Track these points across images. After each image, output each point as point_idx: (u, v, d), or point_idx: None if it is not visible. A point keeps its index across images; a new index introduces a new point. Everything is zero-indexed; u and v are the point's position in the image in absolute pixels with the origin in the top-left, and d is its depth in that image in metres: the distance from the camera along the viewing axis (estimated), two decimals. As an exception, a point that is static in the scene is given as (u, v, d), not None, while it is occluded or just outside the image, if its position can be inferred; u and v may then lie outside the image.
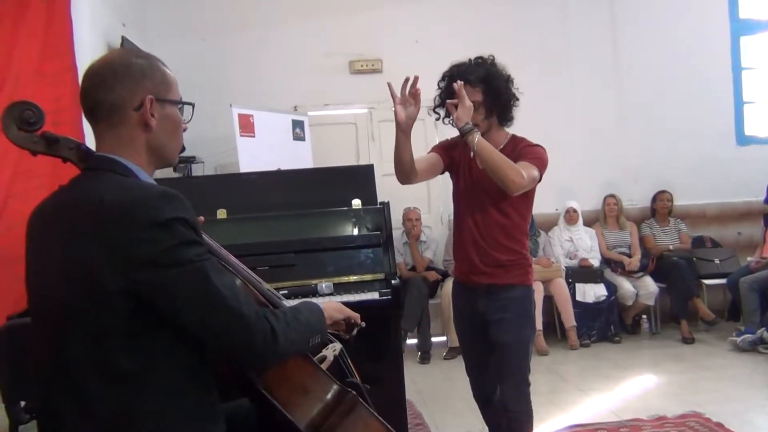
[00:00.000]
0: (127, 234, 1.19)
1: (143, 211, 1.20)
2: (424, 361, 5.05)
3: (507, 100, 2.33)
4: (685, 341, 5.14)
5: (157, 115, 1.33)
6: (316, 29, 5.67)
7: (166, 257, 1.19)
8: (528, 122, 5.85)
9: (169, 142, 1.38)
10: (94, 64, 1.34)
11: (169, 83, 1.37)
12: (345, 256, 2.81)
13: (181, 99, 1.41)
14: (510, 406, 2.40)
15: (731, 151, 5.98)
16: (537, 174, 2.29)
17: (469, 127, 2.20)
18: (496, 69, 2.33)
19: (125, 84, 1.30)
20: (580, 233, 5.65)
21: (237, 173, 3.77)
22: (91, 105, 1.32)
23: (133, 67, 1.32)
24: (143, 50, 1.38)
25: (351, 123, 5.82)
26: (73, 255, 1.23)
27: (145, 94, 1.31)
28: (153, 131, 1.33)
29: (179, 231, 1.20)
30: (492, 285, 2.37)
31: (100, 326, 1.21)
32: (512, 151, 2.34)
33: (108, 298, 1.20)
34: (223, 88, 5.26)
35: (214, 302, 1.21)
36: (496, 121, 2.36)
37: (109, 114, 1.31)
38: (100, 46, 4.13)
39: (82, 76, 1.36)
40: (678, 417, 3.47)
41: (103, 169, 1.31)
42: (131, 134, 1.32)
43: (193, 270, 1.21)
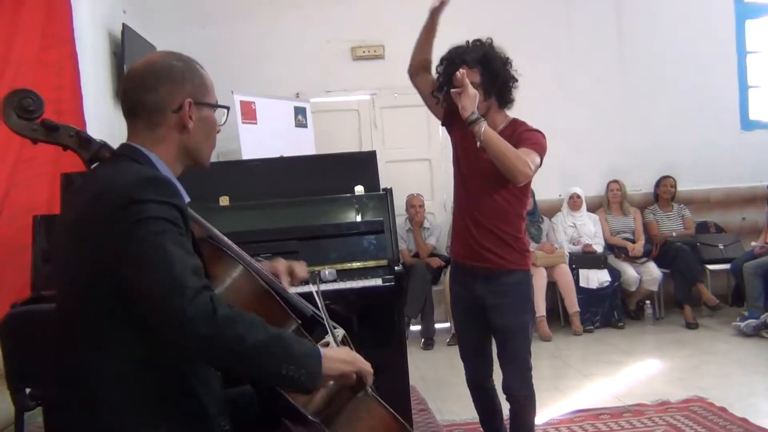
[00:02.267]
0: (111, 213, 1.22)
1: (128, 191, 1.22)
2: (427, 347, 5.06)
3: (505, 82, 2.30)
4: (689, 326, 5.14)
5: (195, 118, 1.37)
6: (318, 16, 5.63)
7: (130, 227, 1.20)
8: (531, 108, 5.82)
9: (203, 144, 1.42)
10: (136, 66, 1.39)
11: (207, 87, 1.41)
12: (348, 243, 2.81)
13: (217, 102, 1.45)
14: (513, 390, 2.40)
15: (735, 136, 5.95)
16: (539, 161, 2.29)
17: (475, 116, 2.17)
18: (494, 50, 2.31)
19: (166, 86, 1.35)
20: (583, 219, 5.63)
21: (239, 160, 3.76)
22: (132, 105, 1.36)
23: (175, 70, 1.36)
24: (182, 54, 1.39)
25: (353, 110, 5.80)
26: (72, 240, 1.29)
27: (185, 97, 1.35)
28: (189, 133, 1.37)
29: (146, 209, 1.20)
30: (491, 270, 2.36)
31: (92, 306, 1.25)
32: (511, 134, 2.32)
33: (94, 275, 1.24)
34: (224, 75, 5.19)
35: (157, 270, 1.17)
36: (495, 103, 2.33)
37: (149, 114, 1.35)
38: (101, 33, 4.12)
39: (125, 76, 1.41)
40: (682, 402, 3.48)
41: (121, 156, 1.36)
42: (167, 134, 1.37)
43: (152, 240, 1.19)
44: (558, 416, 3.40)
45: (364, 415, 1.50)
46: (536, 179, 5.67)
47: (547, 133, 3.40)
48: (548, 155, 6.05)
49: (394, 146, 5.68)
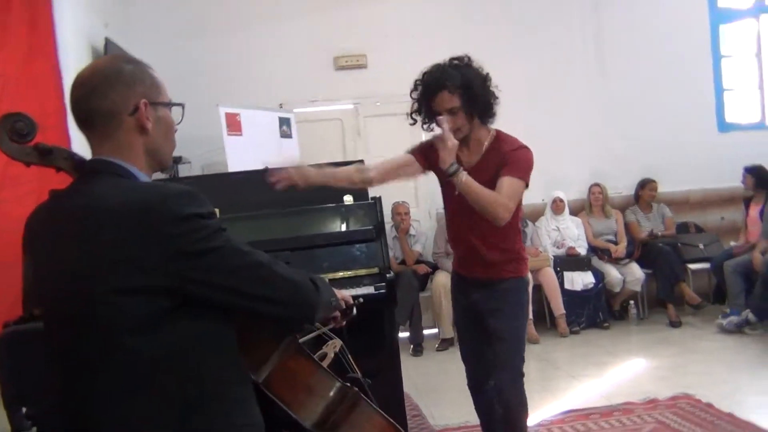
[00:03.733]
0: (158, 230, 1.18)
1: (171, 207, 1.20)
2: (417, 353, 5.09)
3: (486, 100, 2.30)
4: (673, 325, 5.22)
5: (152, 118, 1.33)
6: (300, 26, 5.66)
7: (200, 246, 1.20)
8: (512, 115, 5.87)
9: (164, 144, 1.38)
10: (83, 73, 1.32)
11: (159, 86, 1.37)
12: (339, 252, 2.83)
13: (171, 101, 1.41)
14: (504, 395, 2.44)
15: (713, 138, 6.07)
16: (523, 188, 2.31)
17: (454, 168, 2.19)
18: (473, 70, 2.29)
19: (118, 90, 1.29)
20: (566, 222, 5.71)
21: (226, 173, 3.76)
22: (85, 114, 1.30)
23: (124, 73, 1.31)
24: (129, 55, 1.38)
25: (337, 119, 5.82)
26: (90, 260, 1.21)
27: (139, 98, 1.30)
28: (149, 134, 1.33)
29: (206, 224, 1.22)
30: (487, 279, 2.42)
31: (120, 324, 1.20)
32: (497, 154, 2.33)
33: (129, 296, 1.19)
34: (208, 87, 5.24)
35: (257, 272, 1.28)
36: (478, 122, 2.33)
37: (105, 121, 1.30)
38: (84, 47, 4.10)
39: (71, 85, 1.33)
40: (669, 399, 3.54)
41: (103, 172, 1.29)
42: (129, 139, 1.31)
43: (228, 251, 1.24)
44: (549, 417, 3.44)
45: (363, 425, 1.53)
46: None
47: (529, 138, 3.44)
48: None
49: (378, 154, 5.60)
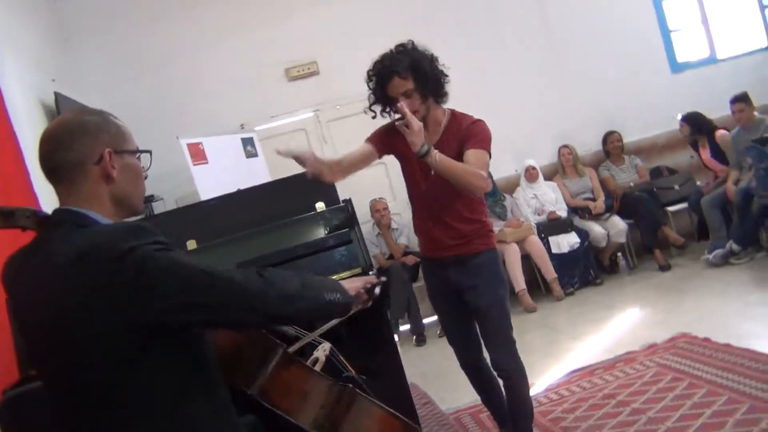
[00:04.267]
0: (104, 271, 1.22)
1: (112, 245, 1.23)
2: (420, 343, 5.14)
3: (437, 79, 2.36)
4: (662, 269, 5.31)
5: (118, 166, 1.37)
6: (246, 45, 5.66)
7: (140, 275, 1.22)
8: (471, 96, 5.96)
9: (133, 191, 1.42)
10: (48, 129, 1.37)
11: (124, 134, 1.41)
12: (321, 259, 2.85)
13: (137, 148, 1.45)
14: (501, 365, 2.49)
15: (668, 80, 6.17)
16: (489, 157, 2.38)
17: (425, 149, 2.22)
18: (419, 52, 2.35)
19: (83, 141, 1.34)
20: (542, 188, 5.77)
21: (198, 203, 3.77)
22: (52, 166, 1.35)
23: (88, 124, 1.36)
24: (84, 106, 1.42)
25: (300, 129, 5.84)
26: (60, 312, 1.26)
27: (103, 148, 1.35)
28: (115, 182, 1.37)
29: (141, 249, 1.23)
30: (459, 256, 2.46)
31: (106, 366, 1.25)
32: (457, 130, 2.40)
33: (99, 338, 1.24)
34: (167, 121, 5.24)
35: (199, 279, 1.26)
36: (433, 102, 2.39)
37: (70, 172, 1.34)
38: (35, 106, 4.09)
39: (39, 141, 1.37)
40: (667, 341, 3.61)
41: (65, 222, 1.33)
42: (94, 188, 1.35)
43: (169, 268, 1.24)
44: (555, 381, 3.50)
45: (366, 420, 1.57)
46: (491, 158, 5.78)
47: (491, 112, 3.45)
48: (497, 134, 6.15)
49: (347, 156, 5.73)
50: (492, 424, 3.04)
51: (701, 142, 5.59)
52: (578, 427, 2.87)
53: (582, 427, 2.86)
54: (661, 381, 3.11)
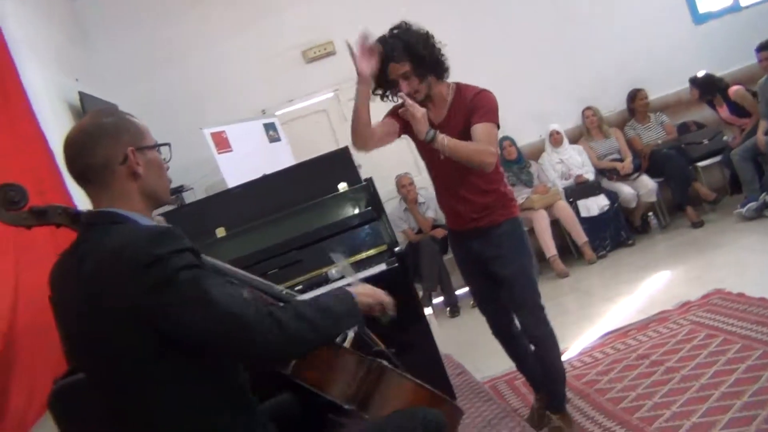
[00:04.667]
0: (129, 274, 1.27)
1: (141, 250, 1.28)
2: (454, 314, 5.18)
3: (434, 57, 2.36)
4: (695, 226, 5.24)
5: (142, 163, 1.42)
6: (262, 31, 5.69)
7: (162, 281, 1.27)
8: (490, 64, 5.89)
9: (159, 183, 1.47)
10: (69, 135, 1.42)
11: (142, 131, 1.46)
12: (346, 239, 2.90)
13: (156, 142, 1.50)
14: (530, 332, 2.52)
15: (690, 32, 6.01)
16: (496, 130, 2.38)
17: (431, 135, 2.26)
18: (412, 33, 2.35)
19: (105, 143, 1.38)
20: (568, 152, 5.72)
21: (225, 190, 3.84)
22: (79, 171, 1.40)
23: (107, 126, 1.41)
24: (108, 108, 1.47)
25: (321, 110, 5.87)
26: (91, 309, 1.32)
27: (126, 147, 1.39)
28: (142, 178, 1.42)
29: (174, 260, 1.28)
30: (480, 227, 2.48)
31: (133, 366, 1.32)
32: (463, 104, 2.40)
33: (128, 336, 1.30)
34: (190, 112, 5.32)
35: (213, 311, 1.28)
36: (434, 79, 2.40)
37: (98, 174, 1.39)
38: (61, 107, 4.20)
39: (63, 147, 1.42)
40: (701, 298, 3.59)
41: (102, 223, 1.38)
42: (123, 186, 1.41)
43: (189, 286, 1.28)
44: (589, 344, 3.51)
45: (395, 392, 1.61)
46: (513, 126, 5.73)
47: (510, 80, 3.41)
48: (518, 100, 6.13)
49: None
50: (527, 390, 3.07)
51: (717, 101, 5.48)
52: (612, 388, 2.89)
53: (616, 388, 2.88)
54: (695, 339, 3.10)
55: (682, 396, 2.61)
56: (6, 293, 2.71)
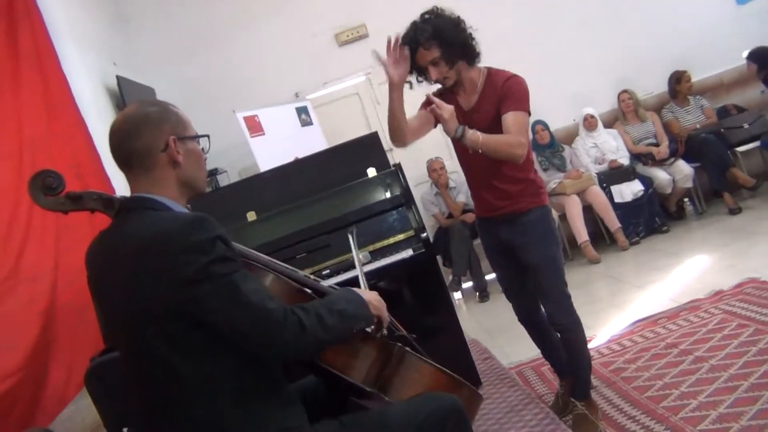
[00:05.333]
0: (166, 261, 1.34)
1: (178, 237, 1.35)
2: (483, 299, 5.19)
3: (464, 43, 2.34)
4: (732, 212, 5.12)
5: (182, 152, 1.49)
6: (296, 15, 5.72)
7: (200, 275, 1.33)
8: (525, 47, 5.81)
9: (196, 173, 1.54)
10: (115, 122, 1.50)
11: (184, 122, 1.53)
12: (373, 224, 2.93)
13: (197, 134, 1.56)
14: (556, 320, 2.52)
15: (733, 13, 5.83)
16: (527, 118, 2.37)
17: (460, 132, 2.25)
18: (442, 18, 2.33)
19: (149, 131, 1.46)
20: (602, 137, 5.63)
21: (256, 175, 3.90)
22: (123, 156, 1.48)
23: (151, 115, 1.48)
24: (153, 99, 1.53)
25: (353, 94, 5.88)
26: (129, 291, 1.39)
27: (168, 136, 1.47)
28: (181, 167, 1.49)
29: (209, 250, 1.35)
30: (509, 214, 2.48)
31: (167, 347, 1.38)
32: (493, 91, 2.38)
33: (162, 319, 1.36)
34: (225, 95, 5.40)
35: (242, 309, 1.35)
36: (464, 65, 2.38)
37: (141, 160, 1.46)
38: (100, 91, 4.30)
39: (109, 134, 1.50)
40: (734, 287, 3.53)
41: (138, 208, 1.46)
42: (163, 173, 1.48)
43: (223, 283, 1.35)
44: (618, 332, 3.49)
45: (415, 376, 1.65)
46: (547, 110, 5.67)
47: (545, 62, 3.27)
48: (553, 83, 6.06)
49: (401, 117, 5.74)
50: (554, 377, 3.08)
51: None
52: (639, 377, 2.88)
53: (643, 377, 2.86)
54: (725, 328, 3.06)
55: (710, 386, 2.59)
56: (47, 273, 2.82)
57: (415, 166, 5.44)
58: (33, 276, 2.79)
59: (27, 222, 2.87)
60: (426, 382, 1.64)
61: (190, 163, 1.51)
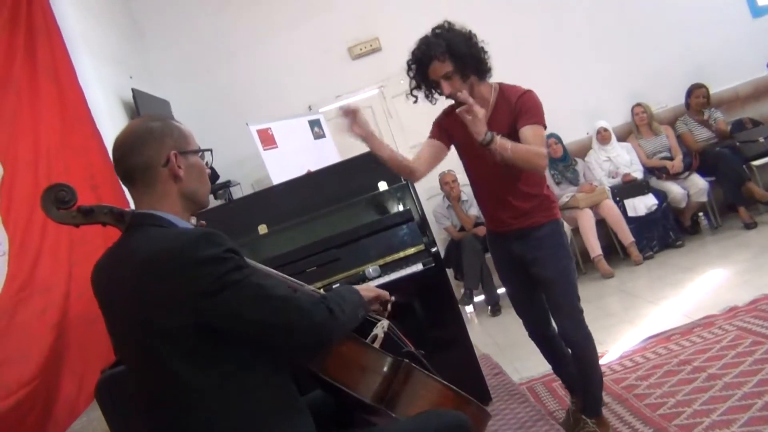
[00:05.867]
0: (180, 275, 1.34)
1: (188, 253, 1.35)
2: (495, 313, 5.17)
3: (476, 57, 2.33)
4: (747, 227, 5.07)
5: (184, 166, 1.50)
6: (309, 28, 5.77)
7: (217, 285, 1.34)
8: (538, 61, 5.81)
9: (199, 188, 1.55)
10: (118, 137, 1.51)
11: (186, 137, 1.54)
12: (384, 238, 2.94)
13: (199, 148, 1.57)
14: (568, 336, 2.50)
15: (748, 26, 5.80)
16: (544, 132, 2.35)
17: (489, 137, 2.20)
18: (455, 33, 2.32)
19: (150, 145, 1.47)
20: (616, 150, 5.61)
21: (268, 187, 3.91)
22: (126, 171, 1.49)
23: (153, 130, 1.49)
24: (155, 114, 1.55)
25: (366, 107, 5.89)
26: (136, 307, 1.39)
27: (169, 150, 1.48)
28: (183, 181, 1.50)
29: (223, 263, 1.36)
30: (521, 229, 2.47)
31: (176, 360, 1.37)
32: (507, 106, 2.38)
33: (175, 334, 1.36)
34: (238, 109, 5.44)
35: (270, 303, 1.38)
36: (475, 79, 2.37)
37: (143, 175, 1.47)
38: (115, 104, 4.35)
39: (112, 149, 1.52)
40: (749, 304, 3.48)
41: (144, 225, 1.47)
42: (165, 188, 1.49)
43: (243, 285, 1.37)
44: (630, 348, 3.46)
45: (422, 392, 1.64)
46: (560, 123, 5.67)
47: (558, 75, 3.21)
48: (566, 97, 6.07)
49: (414, 130, 5.74)
50: (565, 393, 3.05)
51: None
52: (651, 394, 2.84)
53: (655, 394, 2.83)
54: (740, 345, 3.02)
55: (723, 404, 2.55)
56: (60, 285, 2.85)
57: (427, 179, 5.38)
58: (46, 287, 2.82)
59: (41, 233, 2.91)
60: (433, 399, 1.63)
61: (192, 177, 1.51)
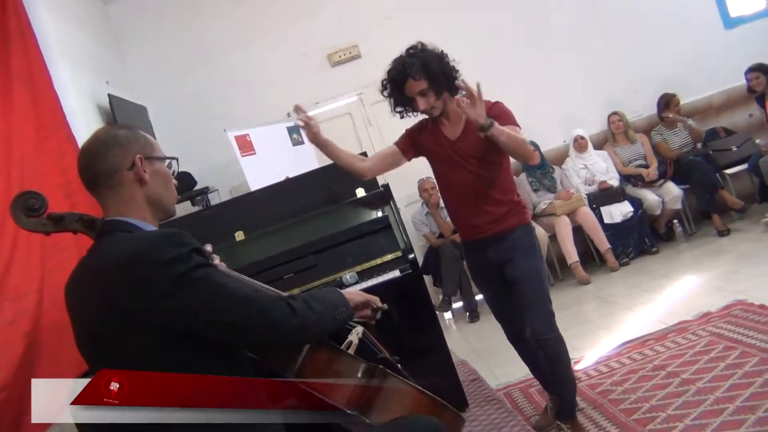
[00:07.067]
0: (140, 278, 1.34)
1: (152, 254, 1.35)
2: (473, 320, 5.18)
3: (448, 75, 2.47)
4: (721, 234, 5.15)
5: (149, 171, 1.50)
6: (288, 35, 5.76)
7: (178, 284, 1.33)
8: (514, 69, 5.85)
9: (164, 194, 1.55)
10: (84, 145, 1.52)
11: (152, 144, 1.55)
12: (361, 245, 2.94)
13: (165, 156, 1.58)
14: (539, 335, 2.55)
15: (721, 37, 5.91)
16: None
17: (489, 122, 2.32)
18: (428, 52, 2.47)
19: (116, 150, 1.47)
20: (592, 158, 5.67)
21: (246, 194, 3.90)
22: (91, 176, 1.49)
23: (119, 136, 1.50)
24: (122, 122, 1.54)
25: (345, 114, 5.91)
26: (105, 312, 1.37)
27: (134, 155, 1.48)
28: (148, 185, 1.50)
29: (186, 261, 1.35)
30: (496, 233, 2.56)
31: (145, 367, 1.35)
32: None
33: (143, 340, 1.35)
34: (217, 115, 5.41)
35: (230, 300, 1.37)
36: (448, 95, 2.51)
37: (107, 179, 1.47)
38: (90, 109, 4.31)
39: (78, 156, 1.51)
40: (722, 309, 3.53)
41: (113, 231, 1.46)
42: (130, 192, 1.48)
43: (204, 284, 1.36)
44: (605, 354, 3.48)
45: (396, 398, 1.63)
46: (538, 131, 5.71)
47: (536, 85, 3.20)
48: (543, 105, 6.15)
49: (393, 138, 5.73)
50: (541, 398, 3.07)
51: None
52: (626, 399, 2.87)
53: (630, 399, 2.86)
54: (712, 351, 3.06)
55: (696, 409, 2.58)
56: (31, 293, 2.80)
57: (406, 186, 5.46)
58: (18, 295, 2.78)
59: (13, 241, 2.86)
60: (408, 405, 1.63)
61: (158, 182, 1.52)
